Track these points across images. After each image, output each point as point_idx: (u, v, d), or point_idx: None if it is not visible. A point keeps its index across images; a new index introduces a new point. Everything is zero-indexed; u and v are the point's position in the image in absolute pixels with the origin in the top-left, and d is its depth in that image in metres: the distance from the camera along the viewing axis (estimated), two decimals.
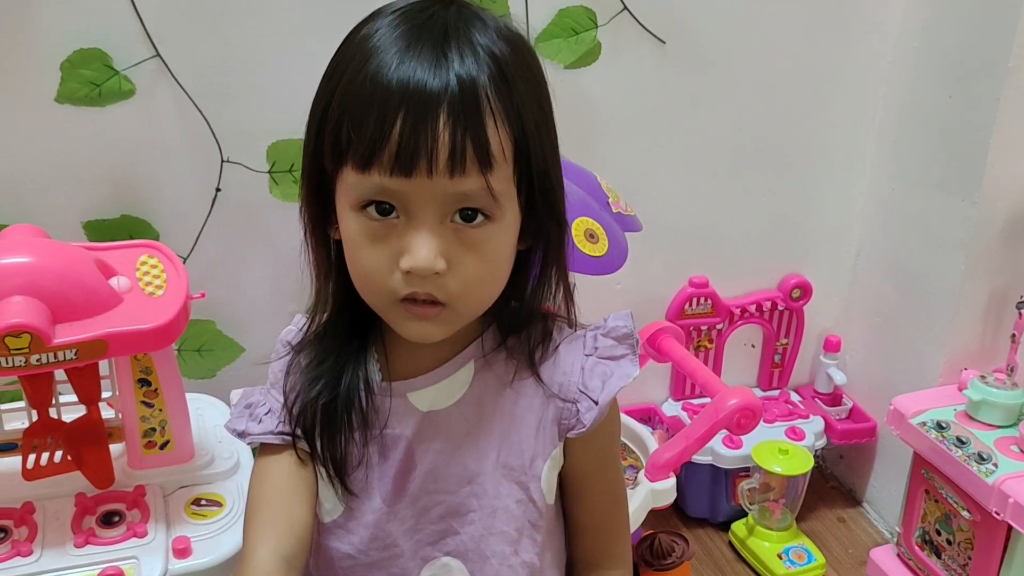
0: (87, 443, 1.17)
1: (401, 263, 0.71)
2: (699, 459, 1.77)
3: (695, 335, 1.88)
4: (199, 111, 1.46)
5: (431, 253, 0.71)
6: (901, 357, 1.82)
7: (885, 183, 1.83)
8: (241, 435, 0.86)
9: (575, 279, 0.84)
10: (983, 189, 1.60)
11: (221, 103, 1.47)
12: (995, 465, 1.47)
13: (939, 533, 1.61)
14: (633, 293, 1.78)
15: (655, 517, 1.64)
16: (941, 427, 1.56)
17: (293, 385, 0.83)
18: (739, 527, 1.83)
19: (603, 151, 1.67)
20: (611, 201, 1.38)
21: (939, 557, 1.62)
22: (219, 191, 1.52)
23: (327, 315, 0.82)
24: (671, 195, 1.76)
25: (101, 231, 1.48)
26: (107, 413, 1.20)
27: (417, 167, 0.68)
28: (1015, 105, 1.55)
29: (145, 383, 1.17)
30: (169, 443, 1.21)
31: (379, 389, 0.82)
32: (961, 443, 1.52)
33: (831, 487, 2.02)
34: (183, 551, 1.11)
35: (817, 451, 1.88)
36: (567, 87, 1.60)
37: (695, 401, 1.91)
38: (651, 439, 1.60)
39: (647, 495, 1.48)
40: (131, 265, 1.16)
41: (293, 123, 1.34)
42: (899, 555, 1.71)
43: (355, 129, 0.70)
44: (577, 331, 0.85)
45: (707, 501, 1.87)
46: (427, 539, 0.84)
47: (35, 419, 1.17)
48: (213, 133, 1.48)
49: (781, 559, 1.76)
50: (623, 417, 1.40)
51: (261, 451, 0.85)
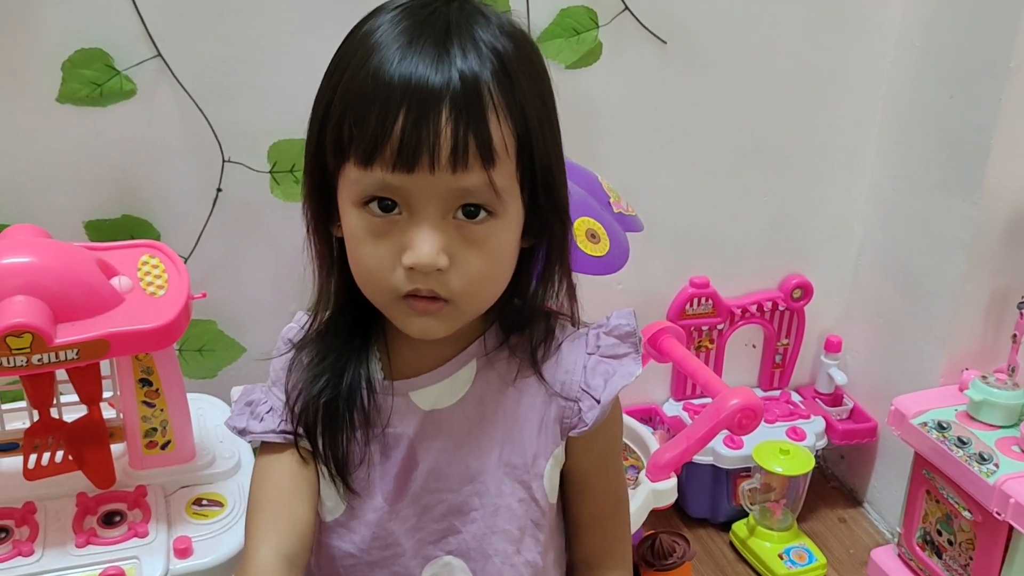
0: (88, 443, 1.17)
1: (403, 259, 0.71)
2: (700, 459, 1.77)
3: (696, 335, 1.88)
4: (200, 111, 1.46)
5: (433, 249, 0.70)
6: (902, 357, 1.82)
7: (886, 183, 1.82)
8: (242, 433, 0.85)
9: (577, 279, 0.84)
10: (984, 189, 1.60)
11: (222, 103, 1.47)
12: (996, 465, 1.47)
13: (940, 533, 1.61)
14: (634, 293, 1.78)
15: (656, 517, 1.64)
16: (942, 427, 1.56)
17: (295, 383, 0.83)
18: (740, 527, 1.83)
19: (604, 151, 1.67)
20: (612, 201, 1.38)
21: (940, 557, 1.62)
22: (220, 191, 1.52)
23: (329, 312, 0.82)
24: (672, 195, 1.76)
25: (102, 231, 1.48)
26: (108, 413, 1.20)
27: (419, 163, 0.68)
28: (1016, 105, 1.55)
29: (146, 383, 1.17)
30: (170, 443, 1.21)
31: (381, 388, 0.82)
32: (962, 443, 1.52)
33: (832, 487, 2.02)
34: (184, 551, 1.11)
35: (818, 451, 1.88)
36: (568, 87, 1.60)
37: (696, 401, 1.91)
38: (652, 439, 1.60)
39: (648, 495, 1.48)
40: (132, 265, 1.16)
41: (294, 123, 1.35)
42: (900, 555, 1.71)
43: (357, 125, 0.69)
44: (580, 329, 0.85)
45: (708, 501, 1.87)
46: (429, 538, 0.84)
47: (36, 419, 1.17)
48: (214, 133, 1.48)
49: (782, 559, 1.76)
50: (624, 417, 1.40)
51: (262, 449, 0.84)
